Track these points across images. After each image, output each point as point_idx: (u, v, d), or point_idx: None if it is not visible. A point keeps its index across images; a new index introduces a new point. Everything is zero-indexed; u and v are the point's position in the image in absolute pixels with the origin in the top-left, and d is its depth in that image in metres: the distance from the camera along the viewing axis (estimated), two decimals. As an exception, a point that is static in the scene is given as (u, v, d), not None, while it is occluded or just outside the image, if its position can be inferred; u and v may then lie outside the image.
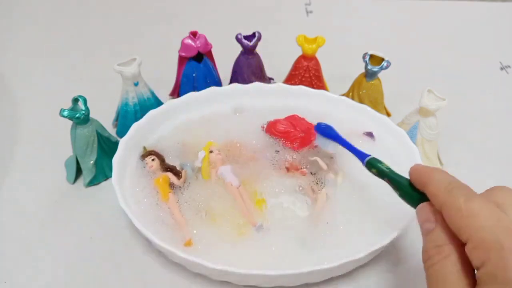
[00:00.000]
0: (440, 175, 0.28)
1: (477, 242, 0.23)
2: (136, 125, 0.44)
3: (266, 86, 0.49)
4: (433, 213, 0.27)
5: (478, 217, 0.23)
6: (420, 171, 0.29)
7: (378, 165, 0.33)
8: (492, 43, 0.69)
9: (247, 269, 0.33)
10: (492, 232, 0.22)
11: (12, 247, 0.40)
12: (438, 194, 0.26)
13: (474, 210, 0.24)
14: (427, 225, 0.27)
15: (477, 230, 0.23)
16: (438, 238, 0.25)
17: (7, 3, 0.75)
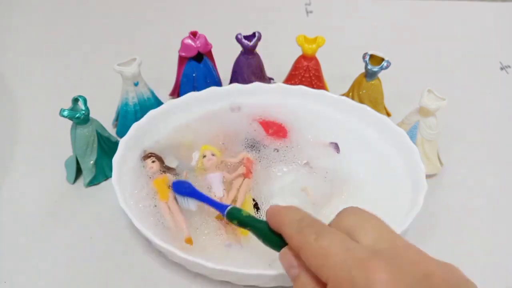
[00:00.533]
0: (292, 215, 0.27)
1: (334, 282, 0.23)
2: (136, 125, 0.44)
3: (266, 86, 0.49)
4: (296, 257, 0.26)
5: (330, 254, 0.23)
6: (274, 212, 0.28)
7: (238, 214, 0.32)
8: (492, 43, 0.69)
9: (247, 269, 0.33)
10: (344, 269, 0.22)
11: (12, 247, 0.40)
12: (291, 235, 0.26)
13: (325, 247, 0.24)
14: (292, 271, 0.26)
15: (331, 269, 0.23)
16: (305, 283, 0.25)
17: (7, 3, 0.75)
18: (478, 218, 0.43)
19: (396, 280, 0.21)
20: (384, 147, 0.44)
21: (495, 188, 0.46)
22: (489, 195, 0.46)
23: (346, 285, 0.22)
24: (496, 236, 0.42)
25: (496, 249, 0.41)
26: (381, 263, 0.22)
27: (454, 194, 0.45)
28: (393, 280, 0.21)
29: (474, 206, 0.44)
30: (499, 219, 0.43)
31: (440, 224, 0.42)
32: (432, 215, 0.42)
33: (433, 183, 0.45)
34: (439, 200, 0.44)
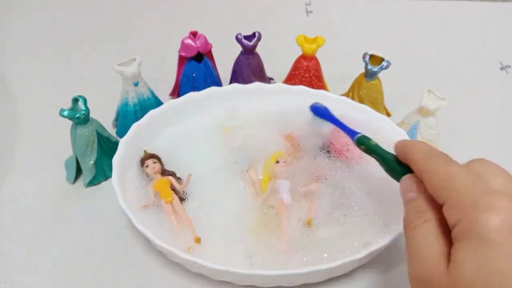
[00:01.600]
0: (421, 145, 0.29)
1: (453, 202, 0.24)
2: (136, 125, 0.44)
3: (266, 86, 0.49)
4: (416, 183, 0.27)
5: (455, 179, 0.24)
6: (403, 143, 0.30)
7: (367, 142, 0.35)
8: (492, 43, 0.69)
9: (247, 269, 0.33)
10: (467, 193, 0.23)
11: (12, 247, 0.40)
12: (418, 160, 0.27)
13: (451, 173, 0.25)
14: (409, 194, 0.27)
15: (453, 191, 0.24)
16: (419, 205, 0.26)
17: (7, 3, 0.75)
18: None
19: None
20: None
21: (495, 188, 0.46)
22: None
23: (465, 205, 0.23)
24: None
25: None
26: (506, 198, 0.22)
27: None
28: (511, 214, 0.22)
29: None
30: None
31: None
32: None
33: (433, 183, 0.45)
34: (439, 200, 0.44)
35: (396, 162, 0.31)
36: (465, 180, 0.24)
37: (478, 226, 0.22)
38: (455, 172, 0.25)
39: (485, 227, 0.22)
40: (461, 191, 0.24)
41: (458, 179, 0.24)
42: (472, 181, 0.24)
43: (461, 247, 0.22)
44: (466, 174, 0.25)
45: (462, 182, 0.24)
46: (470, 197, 0.23)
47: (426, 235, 0.25)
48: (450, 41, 0.69)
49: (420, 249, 0.25)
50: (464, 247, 0.22)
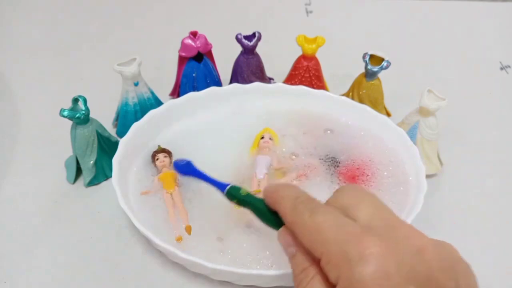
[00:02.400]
0: (288, 191, 0.27)
1: (327, 257, 0.23)
2: (136, 125, 0.44)
3: (266, 86, 0.49)
4: (292, 236, 0.26)
5: (324, 229, 0.23)
6: (271, 190, 0.28)
7: (237, 194, 0.32)
8: (492, 43, 0.69)
9: (247, 269, 0.33)
10: (337, 244, 0.22)
11: (12, 247, 0.40)
12: (286, 213, 0.26)
13: (319, 223, 0.24)
14: (289, 250, 0.26)
15: (324, 245, 0.23)
16: (302, 261, 0.25)
17: (7, 3, 0.75)
18: (478, 218, 0.43)
19: (388, 254, 0.21)
20: (384, 148, 0.44)
21: (495, 188, 0.46)
22: (489, 195, 0.46)
23: (338, 260, 0.22)
24: (496, 236, 0.42)
25: (496, 249, 0.41)
26: (374, 238, 0.22)
27: (454, 194, 0.45)
28: (385, 254, 0.21)
29: (474, 206, 0.44)
30: (499, 219, 0.43)
31: (440, 224, 0.42)
32: (432, 215, 0.42)
33: (433, 183, 0.45)
34: (439, 200, 0.44)
35: (269, 211, 0.28)
36: (333, 229, 0.23)
37: (355, 283, 0.21)
38: (322, 221, 0.24)
39: (362, 283, 0.21)
40: (331, 243, 0.23)
41: (325, 230, 0.23)
42: (340, 227, 0.23)
43: None
44: (333, 221, 0.24)
45: (330, 232, 0.23)
46: (341, 248, 0.22)
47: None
48: (450, 41, 0.69)
49: None
50: None
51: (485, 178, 0.47)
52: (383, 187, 0.41)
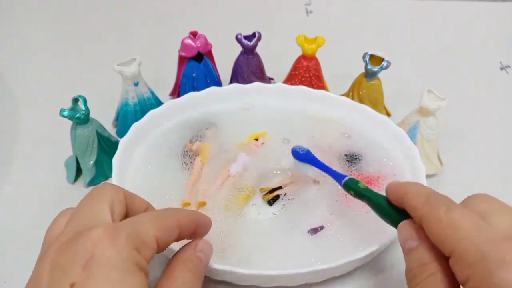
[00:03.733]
0: (417, 188, 0.27)
1: (460, 255, 0.22)
2: (136, 125, 0.44)
3: (266, 86, 0.49)
4: (416, 230, 0.26)
5: (460, 227, 0.23)
6: (396, 186, 0.28)
7: (355, 186, 0.32)
8: (492, 43, 0.69)
9: (247, 269, 0.33)
10: (475, 244, 0.22)
11: (12, 247, 0.40)
12: (417, 206, 0.26)
13: (455, 220, 0.23)
14: (409, 243, 0.26)
15: (460, 242, 0.22)
16: (422, 256, 0.24)
17: (7, 3, 0.75)
18: (478, 218, 0.43)
19: None
20: (384, 148, 0.44)
21: (495, 188, 0.46)
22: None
23: (473, 259, 0.21)
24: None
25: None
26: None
27: (454, 194, 0.45)
28: None
29: (474, 206, 0.44)
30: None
31: (440, 224, 0.42)
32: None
33: (433, 183, 0.45)
34: (439, 200, 0.44)
35: (390, 206, 0.29)
36: (470, 229, 0.22)
37: (493, 286, 0.20)
38: (459, 219, 0.23)
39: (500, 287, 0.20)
40: (467, 242, 0.22)
41: (463, 228, 0.23)
42: (478, 229, 0.22)
43: None
44: (470, 221, 0.23)
45: (467, 232, 0.22)
46: (478, 249, 0.21)
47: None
48: (450, 41, 0.69)
49: None
50: None
51: (485, 178, 0.47)
52: (382, 187, 0.41)
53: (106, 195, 0.27)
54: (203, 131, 0.45)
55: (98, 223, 0.24)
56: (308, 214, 0.39)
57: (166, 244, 0.26)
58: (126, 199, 0.28)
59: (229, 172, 0.41)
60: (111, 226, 0.24)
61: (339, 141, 0.45)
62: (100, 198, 0.26)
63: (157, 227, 0.25)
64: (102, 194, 0.27)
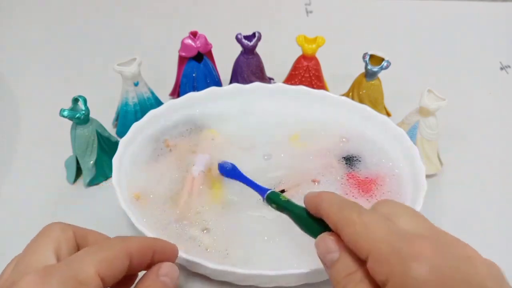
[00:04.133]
0: (331, 196, 0.28)
1: (376, 255, 0.22)
2: (136, 125, 0.44)
3: (266, 86, 0.49)
4: (335, 241, 0.26)
5: (373, 228, 0.23)
6: (312, 196, 0.29)
7: (277, 199, 0.33)
8: (492, 43, 0.69)
9: (247, 269, 0.33)
10: (388, 241, 0.22)
11: (12, 247, 0.40)
12: (331, 213, 0.26)
13: (367, 222, 0.24)
14: (330, 256, 0.26)
15: (374, 242, 0.23)
16: (347, 266, 0.24)
17: (7, 3, 0.75)
18: (478, 218, 0.43)
19: (440, 258, 0.21)
20: (384, 148, 0.44)
21: (495, 188, 0.46)
22: (489, 195, 0.46)
23: (389, 257, 0.22)
24: (496, 236, 0.42)
25: (496, 249, 0.40)
26: (425, 241, 0.22)
27: (454, 194, 0.45)
28: (437, 257, 0.21)
29: (474, 206, 0.44)
30: (499, 219, 0.43)
31: (440, 224, 0.41)
32: (432, 215, 0.42)
33: (433, 183, 0.45)
34: (439, 200, 0.44)
35: (309, 217, 0.29)
36: (382, 228, 0.23)
37: (410, 280, 0.21)
38: (370, 220, 0.24)
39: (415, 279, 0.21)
40: (381, 242, 0.22)
41: (375, 228, 0.23)
42: (388, 229, 0.23)
43: None
44: (380, 222, 0.24)
45: (379, 232, 0.23)
46: (392, 247, 0.22)
47: None
48: (450, 41, 0.69)
49: None
50: None
51: (485, 178, 0.47)
52: (383, 187, 0.41)
53: (51, 236, 0.26)
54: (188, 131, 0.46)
55: (36, 268, 0.24)
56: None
57: (114, 278, 0.25)
58: (77, 236, 0.27)
59: (192, 173, 0.41)
60: (42, 271, 0.23)
61: (337, 144, 0.45)
62: (44, 240, 0.26)
63: (98, 261, 0.24)
64: (47, 235, 0.27)
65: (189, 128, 0.46)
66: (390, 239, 0.22)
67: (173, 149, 0.44)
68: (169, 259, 0.29)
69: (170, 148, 0.44)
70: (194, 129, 0.46)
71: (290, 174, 0.42)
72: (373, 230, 0.23)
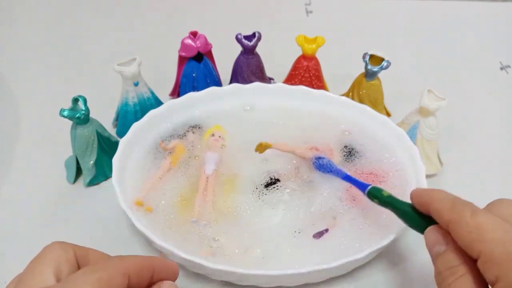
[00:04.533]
0: (442, 194, 0.28)
1: (488, 256, 0.23)
2: (136, 125, 0.44)
3: (266, 86, 0.49)
4: (442, 235, 0.27)
5: (486, 230, 0.24)
6: (421, 193, 0.29)
7: (379, 194, 0.34)
8: (492, 43, 0.69)
9: (247, 269, 0.33)
10: (502, 245, 0.23)
11: (12, 247, 0.40)
12: (443, 211, 0.26)
13: (481, 223, 0.24)
14: (437, 247, 0.27)
15: (487, 244, 0.23)
16: (451, 259, 0.25)
17: (7, 3, 0.75)
18: (478, 218, 0.43)
19: None
20: (384, 148, 0.44)
21: (495, 188, 0.46)
22: (489, 195, 0.45)
23: (502, 259, 0.22)
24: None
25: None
26: None
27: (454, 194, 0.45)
28: None
29: (474, 206, 0.44)
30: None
31: (440, 224, 0.42)
32: (432, 215, 0.42)
33: (433, 183, 0.45)
34: (439, 200, 0.44)
35: (415, 213, 0.30)
36: (497, 231, 0.23)
37: None
38: (485, 222, 0.24)
39: None
40: (494, 244, 0.23)
41: (489, 230, 0.24)
42: (504, 231, 0.23)
43: None
44: (496, 223, 0.24)
45: (493, 234, 0.23)
46: (505, 249, 0.22)
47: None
48: (450, 41, 0.69)
49: None
50: None
51: (485, 178, 0.47)
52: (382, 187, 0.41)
53: (51, 257, 0.26)
54: (187, 132, 0.45)
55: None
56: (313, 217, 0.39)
57: None
58: (77, 256, 0.27)
59: (205, 172, 0.41)
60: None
61: (339, 136, 0.46)
62: (44, 260, 0.26)
63: (95, 281, 0.24)
64: (47, 255, 0.26)
65: (188, 128, 0.46)
66: (504, 242, 0.23)
67: (172, 151, 0.44)
68: (169, 278, 0.29)
69: (169, 151, 0.44)
70: (194, 130, 0.46)
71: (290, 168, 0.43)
72: (487, 231, 0.24)
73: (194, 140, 0.44)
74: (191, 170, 0.42)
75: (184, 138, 0.45)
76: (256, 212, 0.39)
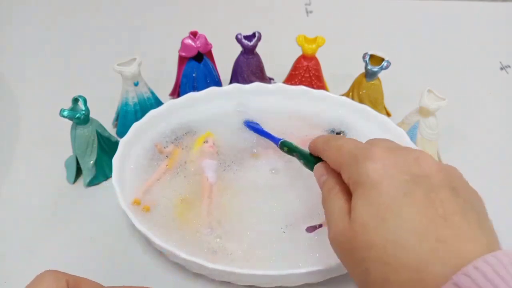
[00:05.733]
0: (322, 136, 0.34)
1: (344, 166, 0.28)
2: (136, 125, 0.44)
3: (266, 86, 0.49)
4: (325, 168, 0.32)
5: (342, 147, 0.30)
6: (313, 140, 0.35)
7: (288, 144, 0.40)
8: (492, 43, 0.69)
9: (247, 269, 0.33)
10: (351, 152, 0.28)
11: (12, 247, 0.40)
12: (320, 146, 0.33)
13: (340, 144, 0.30)
14: (322, 178, 0.31)
15: (342, 156, 0.29)
16: (330, 183, 0.30)
17: (7, 3, 0.75)
18: (478, 218, 0.43)
19: (389, 157, 0.26)
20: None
21: (495, 188, 0.46)
22: (489, 195, 0.45)
23: (350, 163, 0.27)
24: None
25: (496, 249, 0.41)
26: (380, 148, 0.27)
27: (454, 194, 0.45)
28: (386, 156, 0.26)
29: (474, 206, 0.44)
30: (499, 219, 0.43)
31: (440, 224, 0.42)
32: (432, 215, 0.42)
33: (433, 183, 0.45)
34: (439, 200, 0.44)
35: (312, 156, 0.35)
36: (349, 145, 0.29)
37: (362, 174, 0.26)
38: (343, 143, 0.30)
39: (366, 173, 0.26)
40: (347, 154, 0.28)
41: (344, 146, 0.29)
42: (355, 145, 0.29)
43: (355, 196, 0.26)
44: (350, 142, 0.30)
45: (347, 148, 0.29)
46: (353, 154, 0.28)
47: (335, 202, 0.28)
48: (450, 41, 0.69)
49: (332, 214, 0.28)
50: (356, 195, 0.26)
51: (485, 178, 0.47)
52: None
53: (42, 286, 0.26)
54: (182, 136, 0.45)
55: None
56: (305, 211, 0.39)
57: None
58: (70, 286, 0.27)
59: (209, 180, 0.41)
60: None
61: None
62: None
63: None
64: (38, 285, 0.27)
65: (187, 131, 0.46)
66: (354, 151, 0.28)
67: (169, 154, 0.43)
68: None
69: (166, 154, 0.43)
70: (193, 131, 0.46)
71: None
72: (343, 148, 0.29)
73: (188, 145, 0.44)
74: (189, 173, 0.42)
75: (180, 142, 0.45)
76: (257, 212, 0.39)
